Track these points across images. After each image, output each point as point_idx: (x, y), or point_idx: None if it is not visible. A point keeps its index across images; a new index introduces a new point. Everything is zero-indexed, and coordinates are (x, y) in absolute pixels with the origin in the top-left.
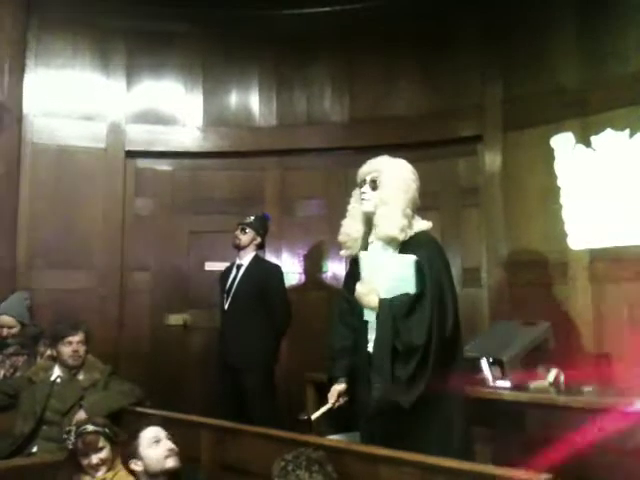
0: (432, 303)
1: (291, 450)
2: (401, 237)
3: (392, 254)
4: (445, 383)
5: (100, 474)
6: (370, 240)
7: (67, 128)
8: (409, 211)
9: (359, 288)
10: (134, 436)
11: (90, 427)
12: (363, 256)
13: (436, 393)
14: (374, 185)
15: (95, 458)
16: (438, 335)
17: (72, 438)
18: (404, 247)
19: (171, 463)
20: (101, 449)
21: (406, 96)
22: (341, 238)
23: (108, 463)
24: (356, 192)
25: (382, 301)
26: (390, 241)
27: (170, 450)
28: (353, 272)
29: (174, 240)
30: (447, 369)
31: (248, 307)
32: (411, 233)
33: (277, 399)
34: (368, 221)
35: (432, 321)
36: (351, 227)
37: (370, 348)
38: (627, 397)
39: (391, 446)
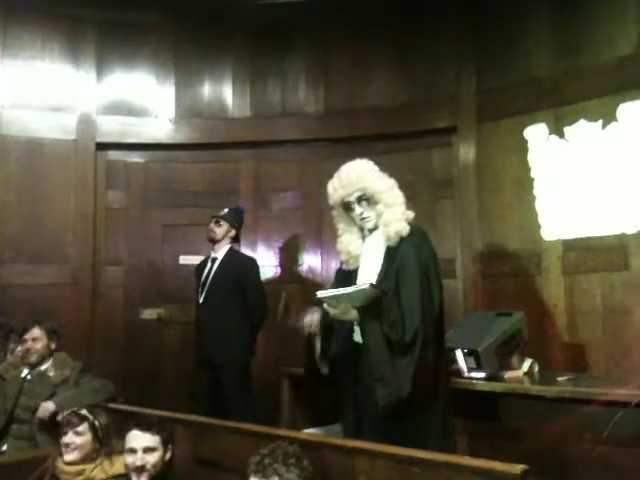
0: (419, 292)
1: (267, 444)
2: (407, 231)
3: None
4: (435, 373)
5: (70, 457)
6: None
7: (37, 120)
8: (403, 201)
9: (332, 312)
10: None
11: (82, 410)
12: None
13: (428, 384)
14: (367, 202)
15: (68, 438)
16: (426, 323)
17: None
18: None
19: (135, 479)
20: (79, 433)
21: (381, 87)
22: (342, 257)
23: (82, 451)
24: (339, 212)
25: (363, 310)
26: (399, 238)
27: (135, 467)
28: (341, 278)
29: (147, 233)
30: (435, 356)
31: (223, 301)
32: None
33: (253, 393)
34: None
35: (422, 311)
36: (351, 244)
37: (356, 337)
38: (600, 386)
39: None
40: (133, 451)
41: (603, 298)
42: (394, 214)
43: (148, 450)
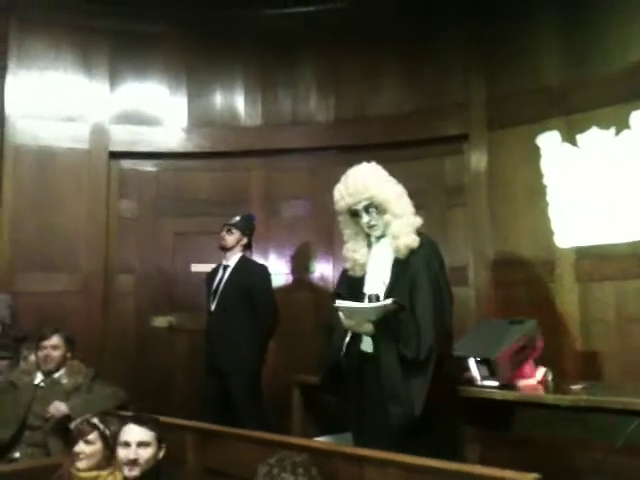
0: (432, 309)
1: (277, 453)
2: (417, 243)
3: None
4: (447, 386)
5: (80, 465)
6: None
7: (50, 129)
8: (413, 211)
9: (347, 323)
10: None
11: (93, 419)
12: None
13: (440, 398)
14: (375, 210)
15: (79, 447)
16: (440, 339)
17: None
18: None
19: (126, 472)
20: (89, 442)
21: (391, 95)
22: (348, 265)
23: (91, 460)
24: (345, 218)
25: (379, 325)
26: (409, 251)
27: (128, 461)
28: (347, 283)
29: (159, 242)
30: (444, 370)
31: (235, 308)
32: None
33: (263, 401)
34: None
35: (436, 328)
36: (356, 252)
37: (363, 347)
38: (615, 395)
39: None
40: (127, 444)
41: (617, 306)
42: (403, 226)
43: (142, 444)
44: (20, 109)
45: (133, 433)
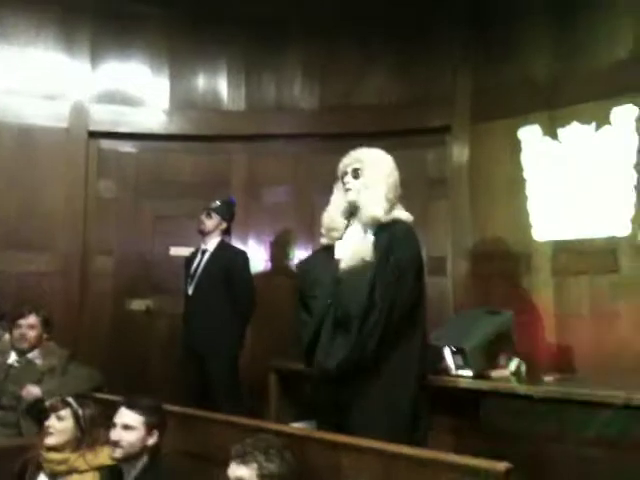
0: (379, 281)
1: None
2: (383, 219)
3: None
4: (397, 368)
5: (49, 441)
6: (349, 226)
7: (29, 107)
8: (391, 196)
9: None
10: None
11: (68, 398)
12: (338, 244)
13: (382, 376)
14: (356, 174)
15: (50, 421)
16: (380, 312)
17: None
18: (379, 231)
19: (111, 453)
20: (60, 418)
21: (377, 84)
22: (326, 222)
23: (61, 437)
24: (338, 184)
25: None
26: (373, 223)
27: (111, 441)
28: (319, 256)
29: (138, 224)
30: (402, 353)
31: (213, 293)
32: (388, 219)
33: (241, 385)
34: (350, 211)
35: (373, 296)
36: (334, 217)
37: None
38: (587, 387)
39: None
40: (114, 425)
41: (592, 300)
42: (369, 197)
43: (126, 427)
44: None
45: (120, 415)
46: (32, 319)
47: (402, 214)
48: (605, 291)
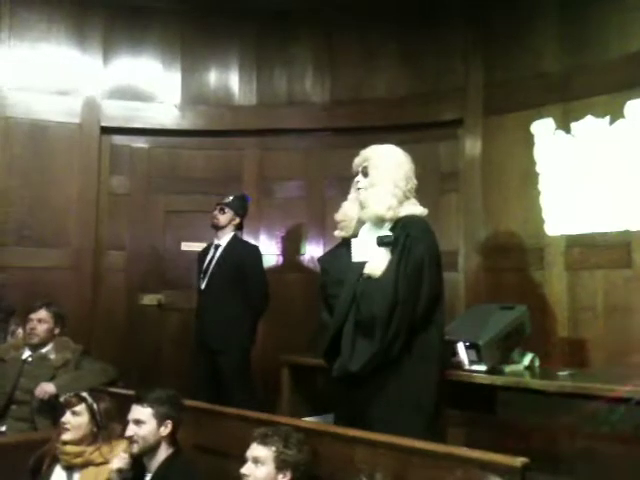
0: (401, 279)
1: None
2: (388, 215)
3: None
4: (417, 365)
5: (66, 437)
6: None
7: (42, 102)
8: (398, 192)
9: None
10: None
11: (82, 393)
12: (354, 242)
13: (403, 373)
14: (365, 173)
15: (65, 417)
16: (403, 311)
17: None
18: (393, 228)
19: (130, 449)
20: (76, 413)
21: (388, 78)
22: (338, 217)
23: (77, 432)
24: (353, 182)
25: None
26: (378, 220)
27: (127, 437)
28: (340, 252)
29: (150, 219)
30: (422, 350)
31: (225, 288)
32: (401, 214)
33: (252, 380)
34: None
35: (397, 296)
36: (350, 209)
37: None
38: (601, 382)
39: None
40: (128, 422)
41: (605, 294)
42: (372, 195)
43: (137, 422)
44: (11, 81)
45: (132, 411)
46: (42, 313)
47: (416, 209)
48: (619, 285)
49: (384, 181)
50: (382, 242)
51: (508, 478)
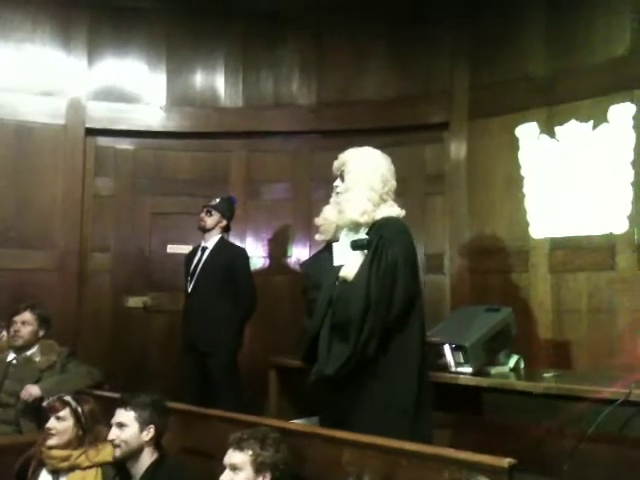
0: (373, 281)
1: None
2: (363, 220)
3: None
4: (395, 367)
5: (51, 442)
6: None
7: (26, 103)
8: (374, 195)
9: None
10: None
11: (66, 397)
12: (335, 246)
13: (381, 376)
14: (342, 177)
15: (50, 423)
16: (376, 313)
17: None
18: (369, 231)
19: (113, 453)
20: (60, 419)
21: (375, 80)
22: (318, 221)
23: (63, 437)
24: (334, 186)
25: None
26: (354, 225)
27: (110, 441)
28: (322, 257)
29: (136, 221)
30: (399, 352)
31: (212, 290)
32: (377, 217)
33: (240, 382)
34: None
35: (369, 298)
36: (329, 213)
37: None
38: (586, 383)
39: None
40: (112, 425)
41: (589, 297)
42: (347, 200)
43: (120, 425)
44: None
45: (115, 414)
46: (26, 316)
47: (392, 210)
48: (602, 288)
49: (359, 185)
50: (356, 245)
51: (495, 478)
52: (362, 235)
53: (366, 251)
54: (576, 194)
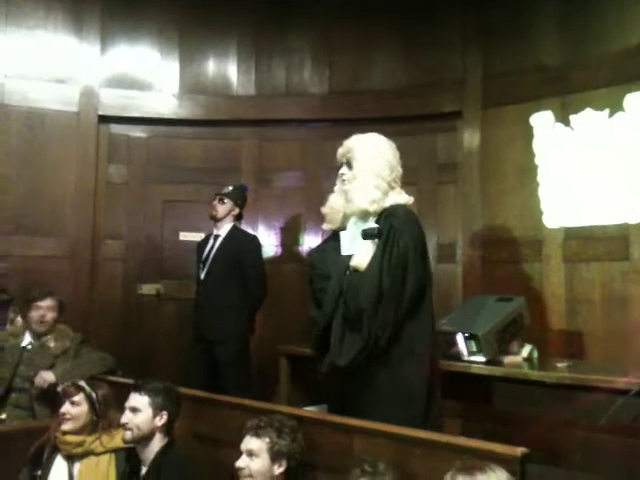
0: (385, 271)
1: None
2: (372, 209)
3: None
4: (408, 356)
5: (66, 427)
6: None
7: (39, 91)
8: (382, 183)
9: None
10: None
11: (80, 382)
12: (342, 235)
13: (394, 364)
14: (349, 164)
15: (64, 408)
16: (388, 303)
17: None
18: (378, 220)
19: (123, 436)
20: (75, 403)
21: (386, 69)
22: (324, 210)
23: (77, 422)
24: (338, 173)
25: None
26: (362, 214)
27: (121, 424)
28: (329, 246)
29: (148, 209)
30: (411, 341)
31: (224, 278)
32: (385, 205)
33: (251, 370)
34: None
35: (381, 288)
36: (336, 201)
37: None
38: (599, 373)
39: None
40: (125, 409)
41: (602, 287)
42: (356, 189)
43: (133, 410)
44: (9, 69)
45: (129, 398)
46: (51, 302)
47: (401, 198)
48: (616, 278)
49: (367, 173)
50: (367, 235)
51: (508, 468)
52: (371, 224)
53: (376, 240)
54: (590, 183)
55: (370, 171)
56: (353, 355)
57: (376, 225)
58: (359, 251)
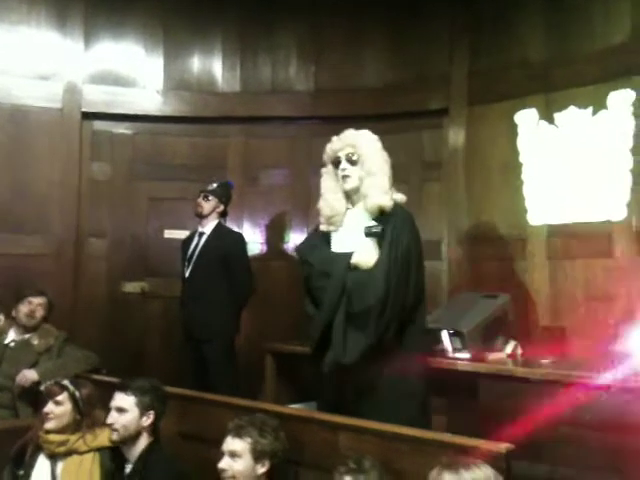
0: (392, 270)
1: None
2: (389, 205)
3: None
4: (406, 353)
5: (49, 426)
6: (348, 212)
7: (22, 87)
8: (389, 180)
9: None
10: None
11: (63, 381)
12: (340, 232)
13: (395, 362)
14: (352, 161)
15: (48, 407)
16: (395, 301)
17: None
18: (381, 217)
19: (110, 436)
20: (58, 403)
21: (373, 66)
22: (327, 212)
23: (60, 421)
24: (328, 170)
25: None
26: (379, 211)
27: (108, 424)
28: (319, 242)
29: (132, 206)
30: (410, 338)
31: (210, 276)
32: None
33: (237, 368)
34: (347, 197)
35: (389, 287)
36: (337, 202)
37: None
38: (583, 370)
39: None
40: (110, 409)
41: (586, 284)
42: (375, 184)
43: (119, 410)
44: None
45: (114, 398)
46: (42, 299)
47: (397, 196)
48: (599, 275)
49: (383, 170)
50: (370, 233)
51: (493, 464)
52: (371, 222)
53: (377, 239)
54: (574, 181)
55: (381, 168)
56: (358, 353)
57: (376, 223)
58: (360, 248)
